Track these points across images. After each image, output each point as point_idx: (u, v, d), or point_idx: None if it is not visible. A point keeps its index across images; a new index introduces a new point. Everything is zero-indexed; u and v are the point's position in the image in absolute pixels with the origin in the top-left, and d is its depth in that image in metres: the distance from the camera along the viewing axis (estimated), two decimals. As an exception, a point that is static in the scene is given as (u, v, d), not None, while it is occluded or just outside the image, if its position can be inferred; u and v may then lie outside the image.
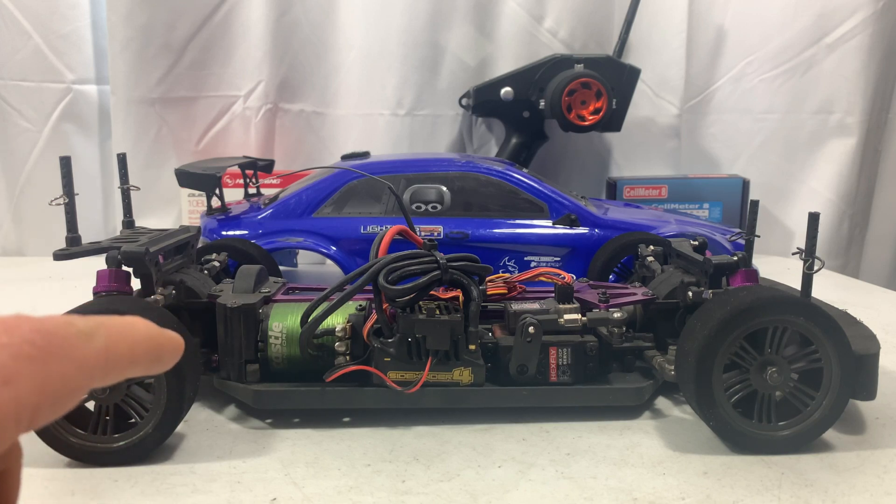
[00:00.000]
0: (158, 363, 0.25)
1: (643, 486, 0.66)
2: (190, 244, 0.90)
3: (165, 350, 0.25)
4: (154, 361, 0.25)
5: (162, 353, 0.25)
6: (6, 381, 0.19)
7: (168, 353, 0.25)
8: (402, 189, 1.17)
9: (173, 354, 0.26)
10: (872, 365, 0.72)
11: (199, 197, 1.36)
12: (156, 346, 0.25)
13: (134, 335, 0.24)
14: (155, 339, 0.25)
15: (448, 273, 0.73)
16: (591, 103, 1.40)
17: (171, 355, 0.25)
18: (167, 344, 0.25)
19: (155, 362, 0.25)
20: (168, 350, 0.25)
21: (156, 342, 0.25)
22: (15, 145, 1.56)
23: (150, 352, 0.24)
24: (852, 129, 1.59)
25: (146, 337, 0.24)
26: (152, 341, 0.24)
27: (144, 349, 0.24)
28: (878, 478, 0.67)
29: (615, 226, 1.18)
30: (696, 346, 0.70)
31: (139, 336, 0.24)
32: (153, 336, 0.25)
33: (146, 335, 0.24)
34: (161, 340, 0.25)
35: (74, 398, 0.21)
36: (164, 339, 0.25)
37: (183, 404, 0.71)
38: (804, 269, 0.73)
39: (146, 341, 0.24)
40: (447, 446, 0.73)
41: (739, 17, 1.57)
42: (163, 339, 0.25)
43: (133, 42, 1.47)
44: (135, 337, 0.24)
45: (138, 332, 0.24)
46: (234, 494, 0.64)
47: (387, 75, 1.53)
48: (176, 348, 0.26)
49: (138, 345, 0.24)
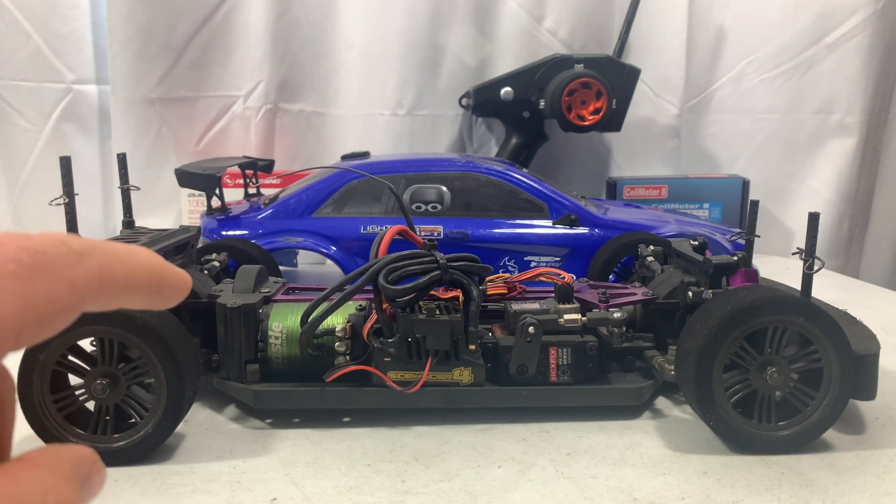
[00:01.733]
0: (159, 296, 0.24)
1: (643, 486, 0.66)
2: (190, 244, 0.90)
3: (168, 283, 0.24)
4: (154, 293, 0.23)
5: (164, 285, 0.24)
6: None
7: (171, 287, 0.24)
8: (402, 189, 1.17)
9: (177, 290, 0.24)
10: (872, 365, 0.72)
11: (199, 197, 1.36)
12: (157, 276, 0.23)
13: (133, 261, 0.22)
14: (157, 269, 0.23)
15: (448, 273, 0.73)
16: (591, 103, 1.40)
17: (174, 291, 0.24)
18: (171, 277, 0.24)
19: (155, 294, 0.23)
20: (171, 284, 0.24)
21: (158, 273, 0.23)
22: (15, 145, 1.56)
23: (151, 282, 0.23)
24: (852, 129, 1.59)
25: (148, 266, 0.23)
26: (154, 271, 0.23)
27: (144, 278, 0.23)
28: (878, 478, 0.67)
29: (615, 226, 1.18)
30: (696, 346, 0.70)
31: (140, 263, 0.23)
32: (155, 266, 0.23)
33: (148, 264, 0.23)
34: (164, 272, 0.24)
35: (63, 319, 0.20)
36: (168, 272, 0.24)
37: (183, 404, 0.71)
38: (804, 269, 0.73)
39: (147, 270, 0.23)
40: (447, 446, 0.73)
41: (739, 17, 1.57)
42: (166, 271, 0.24)
43: (133, 42, 1.47)
44: (134, 263, 0.22)
45: (139, 259, 0.23)
46: (234, 494, 0.64)
47: (387, 75, 1.53)
48: (181, 284, 0.24)
49: (137, 272, 0.23)
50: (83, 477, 0.21)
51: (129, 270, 0.22)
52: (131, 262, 0.22)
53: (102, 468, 0.22)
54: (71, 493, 0.20)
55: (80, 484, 0.21)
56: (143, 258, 0.23)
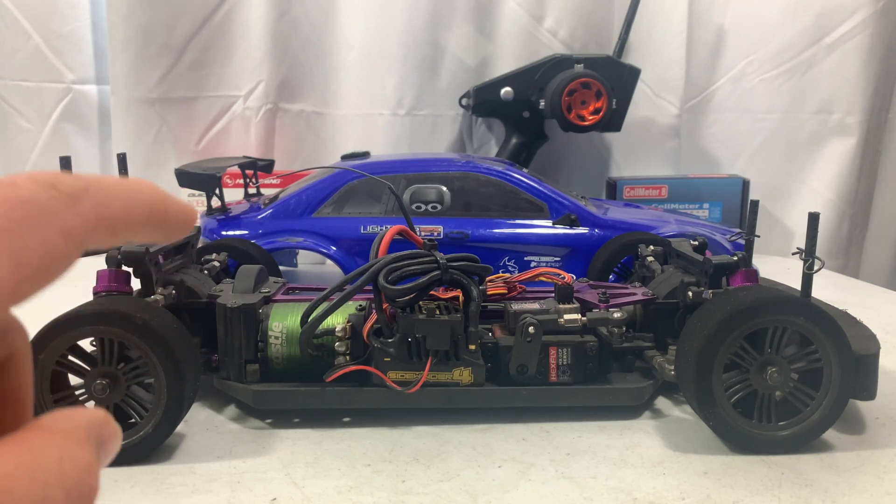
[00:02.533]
0: (163, 229, 0.22)
1: (643, 486, 0.66)
2: (190, 244, 0.90)
3: (172, 215, 0.23)
4: (158, 227, 0.22)
5: (167, 218, 0.22)
6: None
7: (175, 219, 0.23)
8: (402, 189, 1.17)
9: (182, 222, 0.23)
10: (872, 365, 0.72)
11: (199, 197, 1.36)
12: (161, 210, 0.22)
13: (132, 195, 0.21)
14: (159, 202, 0.22)
15: (448, 273, 0.73)
16: (591, 103, 1.40)
17: (179, 223, 0.23)
18: (175, 210, 0.23)
19: (159, 228, 0.22)
20: (176, 216, 0.23)
21: (160, 206, 0.22)
22: (15, 145, 1.56)
23: (153, 216, 0.22)
24: (852, 129, 1.59)
25: (148, 199, 0.22)
26: (156, 206, 0.22)
27: (145, 212, 0.22)
28: (878, 478, 0.67)
29: (615, 226, 1.18)
30: (696, 346, 0.70)
31: (139, 197, 0.21)
32: (156, 199, 0.22)
33: (148, 197, 0.22)
34: (167, 204, 0.22)
35: (61, 266, 0.19)
36: (171, 204, 0.22)
37: (183, 404, 0.71)
38: (804, 269, 0.73)
39: (147, 204, 0.22)
40: (447, 446, 0.73)
41: (739, 17, 1.57)
42: (169, 203, 0.22)
43: (133, 42, 1.47)
44: (133, 197, 0.21)
45: (139, 193, 0.22)
46: (234, 494, 0.64)
47: (387, 75, 1.53)
48: (186, 216, 0.23)
49: (137, 206, 0.21)
50: (98, 440, 0.21)
51: (128, 206, 0.21)
52: (130, 197, 0.21)
53: (117, 429, 0.22)
54: (86, 457, 0.20)
55: (96, 447, 0.20)
56: (143, 191, 0.22)
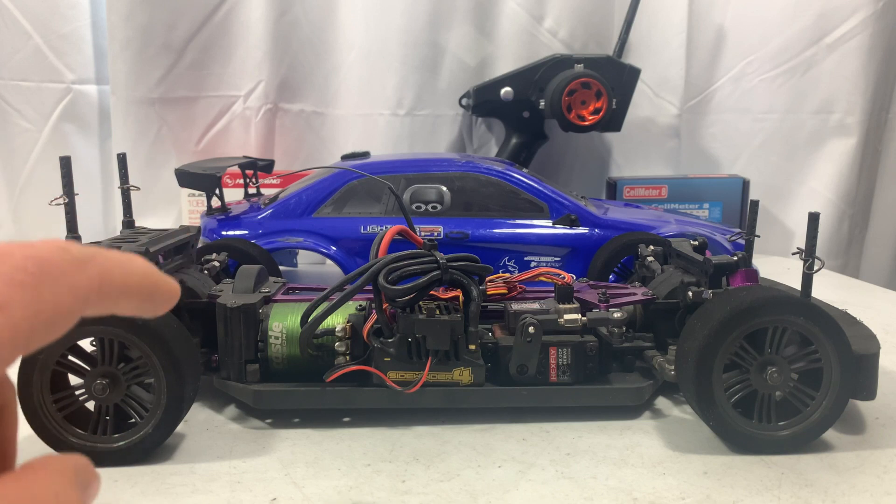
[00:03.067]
0: (152, 302, 0.25)
1: (643, 486, 0.66)
2: (190, 244, 0.90)
3: (160, 290, 0.25)
4: (148, 299, 0.25)
5: (157, 292, 0.25)
6: (0, 308, 0.19)
7: (163, 294, 0.25)
8: (402, 189, 1.17)
9: (168, 298, 0.26)
10: (872, 365, 0.72)
11: (199, 197, 1.36)
12: (151, 283, 0.25)
13: (129, 268, 0.24)
14: (151, 277, 0.25)
15: (448, 273, 0.73)
16: (591, 103, 1.40)
17: (165, 298, 0.26)
18: (163, 286, 0.25)
19: (148, 300, 0.25)
20: (163, 292, 0.25)
21: (151, 280, 0.25)
22: (15, 145, 1.56)
23: (145, 288, 0.25)
24: (852, 129, 1.59)
25: (142, 273, 0.24)
26: (148, 279, 0.25)
27: (139, 284, 0.24)
28: (878, 478, 0.67)
29: (615, 226, 1.18)
30: (696, 346, 0.70)
31: (135, 270, 0.24)
32: (149, 274, 0.25)
33: (142, 271, 0.25)
34: (157, 280, 0.25)
35: (67, 323, 0.21)
36: (161, 280, 0.25)
37: (183, 404, 0.71)
38: (804, 269, 0.73)
39: (142, 277, 0.24)
40: (447, 446, 0.73)
41: (739, 17, 1.57)
42: (159, 279, 0.25)
43: (133, 42, 1.47)
44: (130, 270, 0.24)
45: (135, 266, 0.24)
46: (234, 494, 0.64)
47: (387, 75, 1.53)
48: (171, 292, 0.26)
49: (133, 278, 0.24)
50: (84, 483, 0.23)
51: (126, 277, 0.24)
52: (128, 269, 0.24)
53: (98, 476, 0.24)
54: (77, 497, 0.22)
55: (83, 489, 0.23)
56: (139, 266, 0.24)
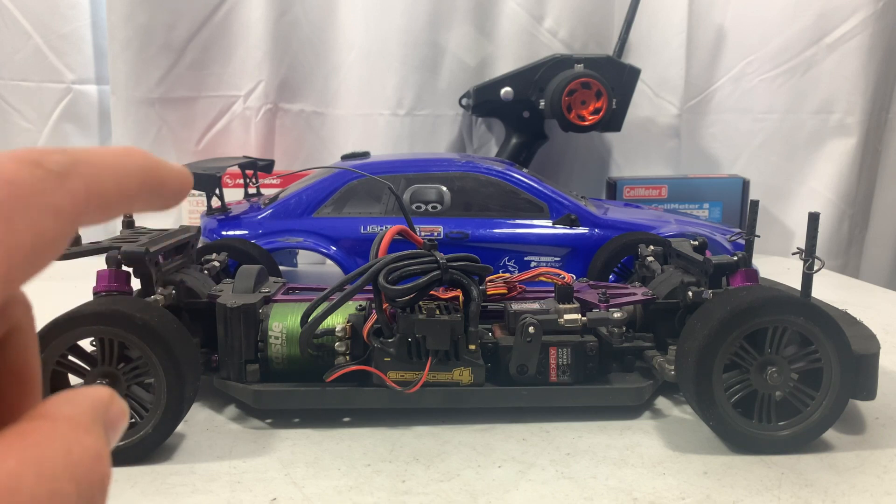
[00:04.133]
0: (159, 198, 0.21)
1: (643, 486, 0.66)
2: (190, 244, 0.90)
3: (167, 182, 0.21)
4: (154, 196, 0.21)
5: (162, 185, 0.21)
6: None
7: (171, 186, 0.21)
8: (402, 189, 1.17)
9: (178, 190, 0.22)
10: (872, 365, 0.72)
11: (199, 197, 1.36)
12: (155, 178, 0.21)
13: (124, 166, 0.20)
14: (153, 169, 0.21)
15: (448, 273, 0.73)
16: (591, 103, 1.40)
17: (174, 189, 0.22)
18: (169, 178, 0.21)
19: (155, 197, 0.21)
20: (171, 183, 0.21)
21: (154, 175, 0.21)
22: (15, 145, 1.55)
23: (147, 185, 0.21)
24: (852, 129, 1.59)
25: (141, 168, 0.20)
26: (150, 174, 0.21)
27: (138, 182, 0.20)
28: (878, 478, 0.67)
29: (615, 226, 1.18)
30: (696, 346, 0.70)
31: (131, 167, 0.20)
32: (150, 168, 0.21)
33: (141, 166, 0.20)
34: (160, 171, 0.21)
35: (55, 249, 0.18)
36: (166, 171, 0.21)
37: (183, 404, 0.71)
38: (804, 269, 0.73)
39: (140, 173, 0.20)
40: (447, 446, 0.73)
41: (739, 17, 1.57)
42: (163, 171, 0.21)
43: (133, 42, 1.47)
44: (125, 168, 0.20)
45: (131, 162, 0.20)
46: (234, 494, 0.64)
47: (387, 75, 1.53)
48: (181, 182, 0.22)
49: (130, 178, 0.20)
50: (105, 422, 0.19)
51: (120, 178, 0.20)
52: (122, 167, 0.20)
53: (123, 406, 0.20)
54: (95, 444, 0.18)
55: (104, 430, 0.19)
56: (135, 161, 0.20)
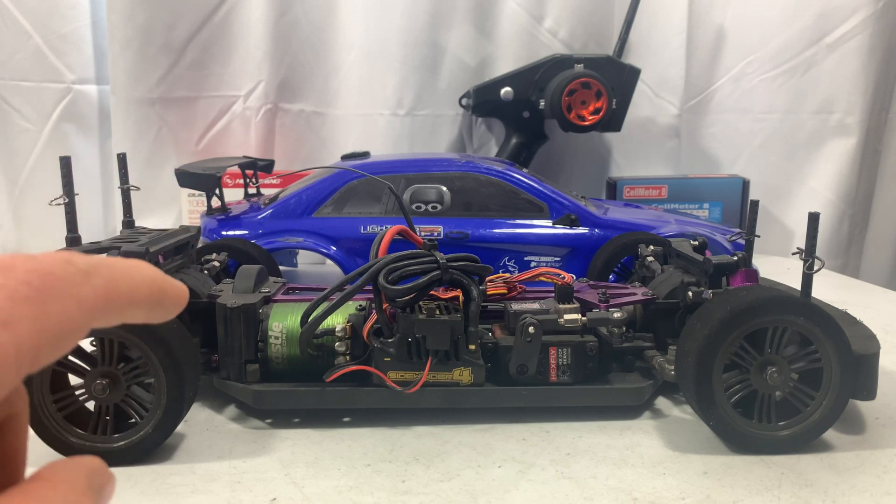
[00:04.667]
0: (160, 308, 0.24)
1: (643, 486, 0.66)
2: (190, 244, 0.90)
3: (169, 296, 0.24)
4: (156, 306, 0.24)
5: (165, 298, 0.24)
6: (4, 324, 0.18)
7: (171, 300, 0.25)
8: (402, 189, 1.17)
9: (176, 303, 0.25)
10: (872, 365, 0.72)
11: (199, 197, 1.36)
12: (158, 290, 0.24)
13: (136, 276, 0.23)
14: (158, 283, 0.24)
15: (448, 273, 0.73)
16: (591, 103, 1.40)
17: (174, 303, 0.25)
18: (171, 291, 0.25)
19: (157, 307, 0.24)
20: (171, 297, 0.25)
21: (159, 286, 0.24)
22: (15, 145, 1.55)
23: (152, 295, 0.24)
24: (852, 129, 1.59)
25: (149, 280, 0.24)
26: (155, 285, 0.24)
27: (146, 292, 0.23)
28: (878, 478, 0.67)
29: (615, 226, 1.18)
30: (696, 346, 0.70)
31: (141, 278, 0.23)
32: (156, 280, 0.24)
33: (149, 278, 0.24)
34: (164, 285, 0.24)
35: (75, 338, 0.21)
36: (168, 285, 0.24)
37: (183, 404, 0.71)
38: (804, 269, 0.73)
39: (148, 284, 0.23)
40: (447, 446, 0.73)
41: (739, 17, 1.57)
42: (166, 284, 0.24)
43: (133, 42, 1.47)
44: (137, 278, 0.23)
45: (141, 273, 0.23)
46: (234, 494, 0.64)
47: (387, 75, 1.53)
48: (179, 297, 0.25)
49: (140, 287, 0.23)
50: (98, 487, 0.22)
51: (132, 286, 0.23)
52: (134, 277, 0.23)
53: (112, 476, 0.23)
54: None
55: (97, 495, 0.21)
56: (145, 273, 0.23)
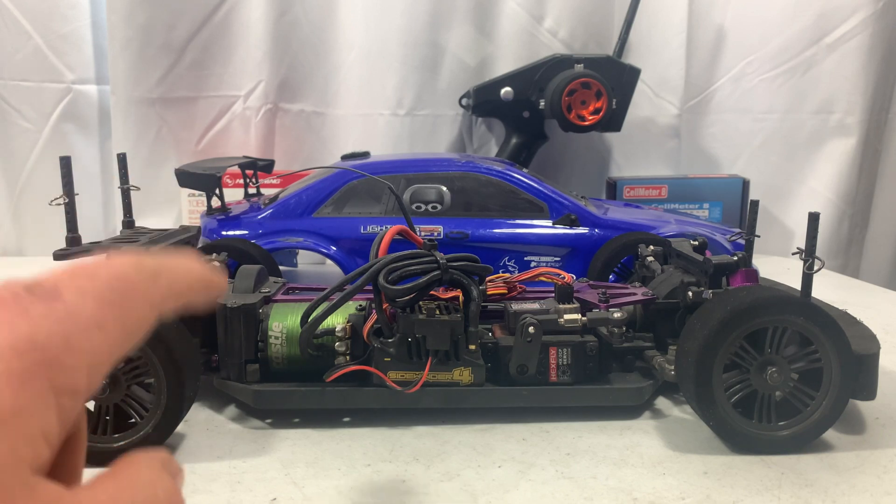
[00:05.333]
0: (207, 297, 0.28)
1: (643, 486, 0.66)
2: (190, 244, 0.90)
3: (214, 285, 0.29)
4: (205, 294, 0.28)
5: (211, 287, 0.28)
6: (99, 326, 0.20)
7: (215, 288, 0.29)
8: (402, 189, 1.17)
9: (220, 290, 0.29)
10: (872, 365, 0.72)
11: (199, 197, 1.36)
12: (207, 280, 0.28)
13: (190, 272, 0.27)
14: (206, 275, 0.28)
15: (448, 273, 0.73)
16: (591, 103, 1.40)
17: (218, 290, 0.29)
18: (215, 280, 0.29)
19: (205, 294, 0.28)
20: (216, 285, 0.29)
21: (207, 277, 0.28)
22: (15, 145, 1.55)
23: (202, 285, 0.28)
24: (852, 129, 1.59)
25: (199, 273, 0.27)
26: (204, 277, 0.28)
27: (199, 285, 0.27)
28: (878, 478, 0.67)
29: (615, 226, 1.18)
30: (696, 346, 0.70)
31: (193, 272, 0.27)
32: (205, 273, 0.28)
33: (199, 271, 0.28)
34: (210, 276, 0.28)
35: (145, 332, 0.23)
36: (213, 276, 0.29)
37: (183, 404, 0.71)
38: (804, 269, 0.73)
39: (199, 277, 0.27)
40: (447, 446, 0.73)
41: (739, 17, 1.57)
42: (211, 275, 0.28)
43: (133, 42, 1.47)
44: (192, 273, 0.27)
45: (193, 268, 0.27)
46: (234, 494, 0.64)
47: (387, 75, 1.53)
48: (222, 285, 0.29)
49: (194, 281, 0.27)
50: (172, 472, 0.24)
51: (188, 281, 0.27)
52: (189, 273, 0.27)
53: (181, 467, 0.26)
54: (172, 483, 0.23)
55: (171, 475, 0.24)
56: (196, 267, 0.27)
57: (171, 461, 0.25)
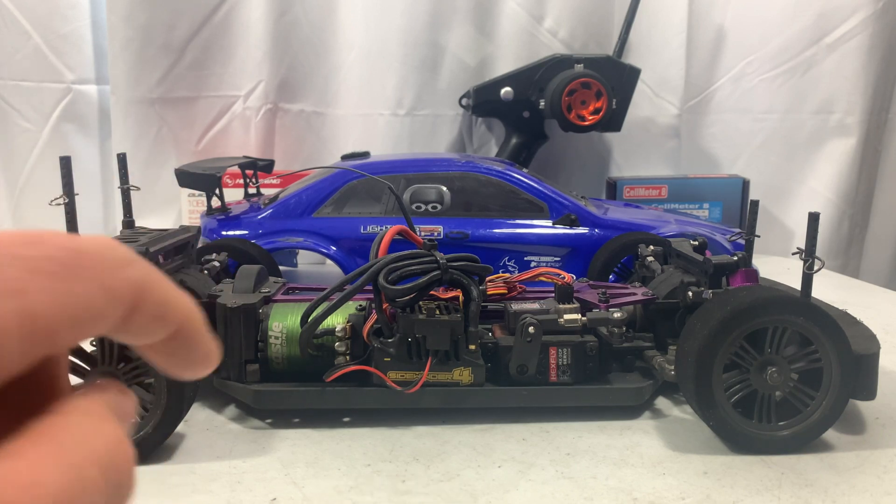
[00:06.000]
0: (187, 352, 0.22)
1: (643, 486, 0.66)
2: (190, 244, 0.90)
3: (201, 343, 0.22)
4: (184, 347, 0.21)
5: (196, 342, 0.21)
6: (15, 293, 0.17)
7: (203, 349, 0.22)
8: (402, 189, 1.17)
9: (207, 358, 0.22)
10: (872, 365, 0.72)
11: (199, 197, 1.36)
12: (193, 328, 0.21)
13: (175, 298, 0.21)
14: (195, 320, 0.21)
15: (448, 273, 0.73)
16: (591, 103, 1.40)
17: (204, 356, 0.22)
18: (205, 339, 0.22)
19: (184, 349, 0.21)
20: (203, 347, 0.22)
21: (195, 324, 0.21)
22: (15, 145, 1.55)
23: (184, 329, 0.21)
24: (852, 129, 1.59)
25: (187, 310, 0.21)
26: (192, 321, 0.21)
27: (179, 319, 0.21)
28: (878, 478, 0.67)
29: (615, 226, 1.18)
30: (696, 346, 0.70)
31: (180, 302, 0.21)
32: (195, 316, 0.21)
33: (188, 309, 0.21)
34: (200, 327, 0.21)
35: (95, 327, 0.19)
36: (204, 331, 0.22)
37: (183, 404, 0.71)
38: (804, 269, 0.73)
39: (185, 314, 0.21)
40: (447, 446, 0.73)
41: (739, 17, 1.57)
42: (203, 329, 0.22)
43: (133, 42, 1.47)
44: (175, 300, 0.21)
45: (181, 298, 0.21)
46: (234, 494, 0.64)
47: (387, 75, 1.53)
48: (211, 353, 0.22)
49: (176, 308, 0.21)
50: (117, 410, 0.20)
51: (167, 301, 0.20)
52: (172, 295, 0.21)
53: (130, 394, 0.21)
54: (113, 430, 0.19)
55: (118, 418, 0.20)
56: (185, 300, 0.21)
57: (123, 400, 0.20)
